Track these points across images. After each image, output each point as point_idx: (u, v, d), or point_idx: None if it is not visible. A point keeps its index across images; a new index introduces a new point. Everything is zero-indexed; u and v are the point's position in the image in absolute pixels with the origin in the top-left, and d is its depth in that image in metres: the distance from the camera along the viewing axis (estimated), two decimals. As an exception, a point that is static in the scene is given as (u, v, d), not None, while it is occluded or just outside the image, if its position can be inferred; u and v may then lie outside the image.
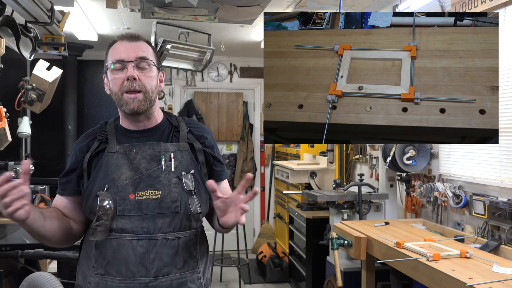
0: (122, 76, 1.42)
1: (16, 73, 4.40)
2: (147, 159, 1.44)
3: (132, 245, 1.38)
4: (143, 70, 1.44)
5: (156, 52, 1.54)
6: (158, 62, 1.51)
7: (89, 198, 1.42)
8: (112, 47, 1.47)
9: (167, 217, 1.41)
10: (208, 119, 5.85)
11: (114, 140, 1.48)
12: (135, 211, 1.39)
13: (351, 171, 4.23)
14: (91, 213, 1.41)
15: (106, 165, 1.43)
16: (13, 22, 2.54)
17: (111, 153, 1.45)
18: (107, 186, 1.40)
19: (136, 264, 1.37)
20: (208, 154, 1.54)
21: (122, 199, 1.39)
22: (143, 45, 1.47)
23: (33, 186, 3.86)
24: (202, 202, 1.47)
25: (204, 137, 1.55)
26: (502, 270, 1.86)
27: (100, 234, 1.39)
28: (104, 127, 1.54)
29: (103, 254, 1.40)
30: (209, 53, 4.14)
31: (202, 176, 1.49)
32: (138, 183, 1.41)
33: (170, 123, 1.55)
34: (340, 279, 2.61)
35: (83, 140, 1.53)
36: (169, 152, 1.46)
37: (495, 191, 2.58)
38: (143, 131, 1.51)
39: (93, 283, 1.40)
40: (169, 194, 1.42)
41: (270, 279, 4.77)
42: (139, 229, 1.39)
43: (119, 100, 1.44)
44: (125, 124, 1.52)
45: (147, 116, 1.50)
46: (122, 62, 1.43)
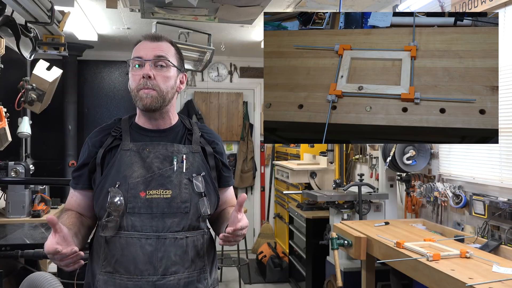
0: (140, 73, 1.45)
1: (16, 73, 4.40)
2: (160, 159, 1.46)
3: (141, 244, 1.39)
4: (160, 70, 1.46)
5: (180, 53, 1.56)
6: (179, 63, 1.54)
7: (100, 194, 1.43)
8: (136, 46, 1.51)
9: (176, 217, 1.43)
10: (208, 119, 5.85)
11: (128, 137, 1.49)
12: (145, 209, 1.41)
13: (351, 171, 4.23)
14: (101, 209, 1.43)
15: (119, 162, 1.45)
16: (13, 22, 2.54)
17: (125, 150, 1.46)
18: (118, 183, 1.41)
19: (144, 262, 1.39)
20: (218, 159, 1.58)
21: (133, 196, 1.41)
22: (165, 45, 1.50)
23: (33, 186, 3.87)
24: (212, 204, 1.51)
25: (216, 143, 1.60)
26: (502, 270, 1.86)
27: (110, 230, 1.40)
28: (118, 123, 1.55)
29: (111, 252, 1.41)
30: (209, 53, 4.14)
31: (212, 179, 1.53)
32: (149, 182, 1.43)
33: (184, 125, 1.58)
34: (340, 279, 2.61)
35: (97, 134, 1.54)
36: (182, 153, 1.48)
37: (495, 191, 2.58)
38: (157, 131, 1.53)
39: (101, 281, 1.42)
40: (179, 194, 1.44)
41: (270, 279, 4.77)
42: (148, 227, 1.40)
43: (135, 97, 1.47)
44: (141, 122, 1.54)
45: (162, 116, 1.52)
46: (140, 60, 1.46)
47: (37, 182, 3.96)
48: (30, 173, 3.90)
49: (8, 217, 3.68)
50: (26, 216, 3.71)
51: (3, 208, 3.80)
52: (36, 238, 2.81)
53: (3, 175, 3.72)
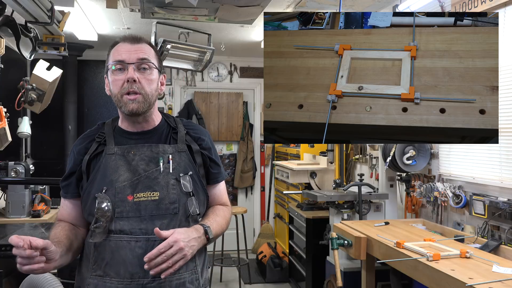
0: (122, 77, 1.42)
1: (16, 73, 4.40)
2: (145, 161, 1.44)
3: (131, 246, 1.38)
4: (143, 73, 1.44)
5: (158, 54, 1.53)
6: (159, 64, 1.51)
7: (87, 200, 1.42)
8: (114, 48, 1.47)
9: (166, 218, 1.42)
10: (208, 119, 5.85)
11: (112, 141, 1.48)
12: (133, 213, 1.40)
13: (351, 171, 4.23)
14: (89, 215, 1.42)
15: (104, 166, 1.43)
16: (13, 22, 2.54)
17: (109, 154, 1.45)
18: (105, 188, 1.40)
19: (134, 265, 1.37)
20: (205, 156, 1.55)
21: (120, 200, 1.40)
22: (145, 47, 1.47)
23: (33, 186, 3.87)
24: (200, 203, 1.49)
25: (202, 139, 1.56)
26: (502, 270, 1.86)
27: (98, 236, 1.39)
28: (101, 128, 1.54)
29: (101, 256, 1.40)
30: (209, 53, 4.14)
31: (200, 177, 1.51)
32: (136, 185, 1.42)
33: (168, 124, 1.56)
34: (340, 279, 2.60)
35: (81, 142, 1.53)
36: (167, 153, 1.47)
37: (495, 191, 2.58)
38: (141, 133, 1.51)
39: (92, 285, 1.41)
40: (167, 195, 1.42)
41: (270, 279, 4.77)
42: (137, 230, 1.39)
43: (119, 102, 1.44)
44: (124, 125, 1.52)
45: (145, 118, 1.50)
46: (122, 63, 1.42)
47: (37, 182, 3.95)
48: (30, 173, 3.90)
49: (8, 217, 3.68)
50: (26, 216, 3.71)
51: (3, 208, 3.79)
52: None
53: (3, 175, 3.71)
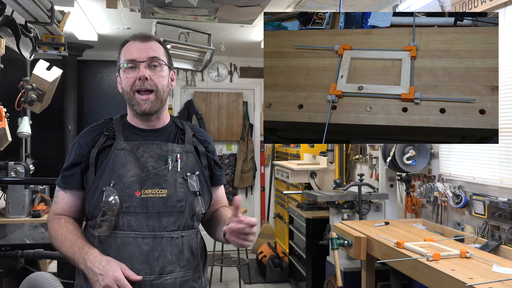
0: (134, 75, 1.45)
1: (16, 73, 4.40)
2: (154, 158, 1.46)
3: (137, 243, 1.39)
4: (154, 70, 1.47)
5: (168, 51, 1.56)
6: (169, 61, 1.54)
7: (94, 193, 1.43)
8: (125, 47, 1.50)
9: (172, 216, 1.43)
10: (208, 119, 5.85)
11: (121, 136, 1.49)
12: (140, 209, 1.41)
13: (351, 171, 4.23)
14: (95, 208, 1.42)
15: (113, 161, 1.44)
16: (13, 22, 2.54)
17: (118, 149, 1.46)
18: (113, 182, 1.41)
19: (141, 261, 1.38)
20: (210, 158, 1.59)
21: (128, 195, 1.41)
22: (155, 45, 1.50)
23: (33, 186, 3.87)
24: (205, 203, 1.52)
25: (208, 142, 1.61)
26: (502, 270, 1.86)
27: (104, 229, 1.40)
28: (109, 122, 1.55)
29: (106, 252, 1.40)
30: (209, 53, 4.14)
31: (205, 178, 1.54)
32: (144, 181, 1.43)
33: (176, 125, 1.58)
34: (340, 279, 2.60)
35: (88, 134, 1.52)
36: (176, 152, 1.49)
37: (495, 191, 2.58)
38: (151, 130, 1.53)
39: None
40: (174, 193, 1.44)
41: (270, 279, 4.77)
42: (144, 226, 1.40)
43: (131, 99, 1.46)
44: (134, 122, 1.54)
45: (158, 116, 1.52)
46: (134, 62, 1.45)
47: (37, 182, 3.96)
48: (30, 173, 3.90)
49: (8, 217, 3.68)
50: (26, 216, 3.71)
51: (3, 208, 3.80)
52: (36, 238, 2.81)
53: (3, 175, 3.72)
